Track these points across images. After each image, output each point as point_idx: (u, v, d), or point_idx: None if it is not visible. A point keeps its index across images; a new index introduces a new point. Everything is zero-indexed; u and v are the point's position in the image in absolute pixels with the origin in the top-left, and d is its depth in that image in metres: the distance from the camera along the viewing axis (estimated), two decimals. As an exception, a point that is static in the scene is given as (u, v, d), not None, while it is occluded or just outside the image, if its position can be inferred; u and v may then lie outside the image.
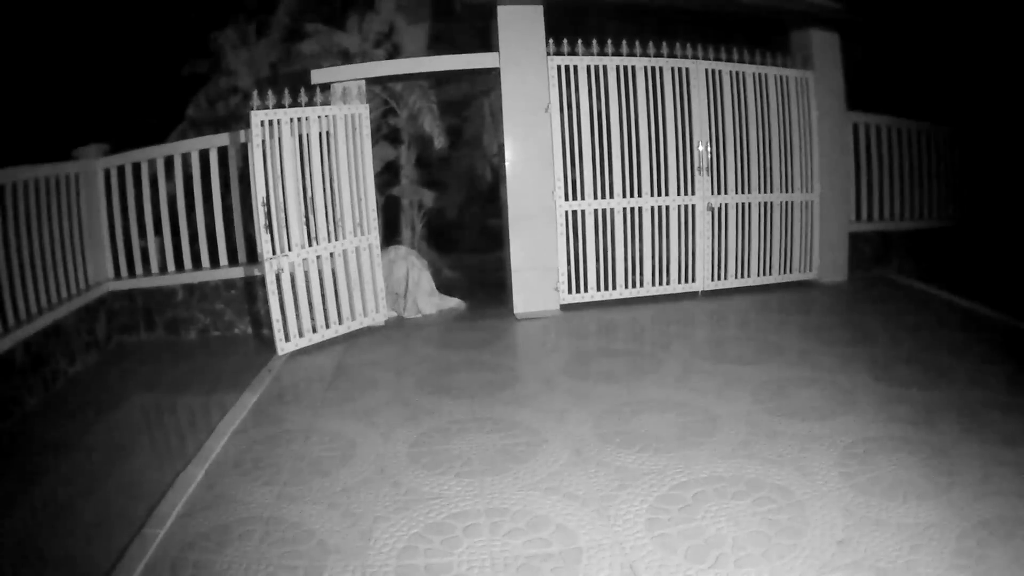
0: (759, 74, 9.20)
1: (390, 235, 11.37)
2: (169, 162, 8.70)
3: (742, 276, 9.31)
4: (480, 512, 4.30)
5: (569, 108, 8.57)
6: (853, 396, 5.73)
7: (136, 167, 8.70)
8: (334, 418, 5.95)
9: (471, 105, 11.73)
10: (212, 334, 8.96)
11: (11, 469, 5.62)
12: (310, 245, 7.94)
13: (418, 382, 6.70)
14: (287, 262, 7.70)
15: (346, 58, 10.68)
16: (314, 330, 8.02)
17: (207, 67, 10.91)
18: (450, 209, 12.05)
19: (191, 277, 8.86)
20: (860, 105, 9.74)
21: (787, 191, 9.39)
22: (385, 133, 11.49)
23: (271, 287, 7.60)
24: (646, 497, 4.38)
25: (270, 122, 7.56)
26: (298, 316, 7.85)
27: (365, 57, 10.67)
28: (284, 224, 7.68)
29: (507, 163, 8.57)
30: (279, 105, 7.64)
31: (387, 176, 11.51)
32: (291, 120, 7.73)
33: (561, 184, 8.60)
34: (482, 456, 5.04)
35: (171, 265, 8.93)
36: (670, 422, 5.42)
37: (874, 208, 10.15)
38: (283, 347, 7.74)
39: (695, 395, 5.94)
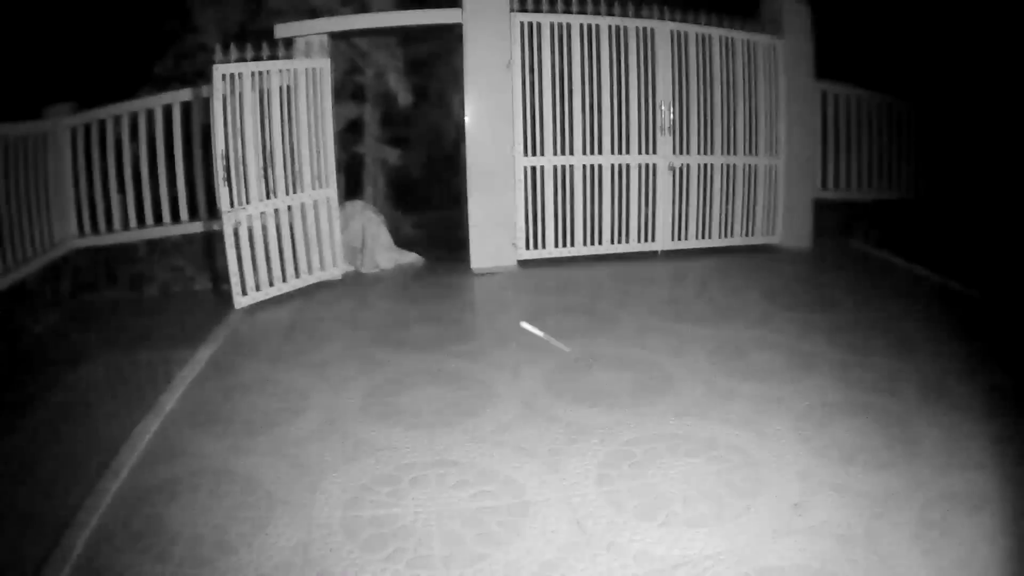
0: (726, 38, 9.18)
1: (353, 193, 11.27)
2: (134, 119, 8.59)
3: (703, 237, 9.35)
4: (428, 464, 4.35)
5: (532, 65, 8.54)
6: (813, 361, 5.74)
7: (102, 124, 8.58)
8: (289, 371, 5.97)
9: (436, 64, 11.62)
10: (173, 290, 8.91)
11: None
12: (268, 198, 7.90)
13: (373, 336, 6.72)
14: (245, 215, 7.65)
15: (313, 15, 10.44)
16: (271, 284, 7.99)
17: (176, 25, 10.73)
18: (414, 167, 11.97)
19: (152, 232, 8.79)
20: (826, 75, 9.76)
21: (751, 154, 9.42)
22: (351, 91, 11.35)
23: (229, 240, 7.55)
24: (596, 452, 4.43)
25: (232, 76, 7.46)
26: (255, 270, 7.81)
27: (332, 14, 10.50)
28: (243, 177, 7.63)
29: (468, 119, 8.54)
30: (241, 59, 7.56)
31: (352, 135, 11.40)
32: (252, 74, 7.64)
33: (521, 140, 8.59)
34: (433, 409, 5.09)
35: (133, 221, 8.85)
36: (624, 379, 5.48)
37: (840, 177, 10.19)
38: (240, 301, 7.71)
39: (651, 353, 5.99)
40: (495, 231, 8.69)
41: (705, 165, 9.22)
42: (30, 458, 4.97)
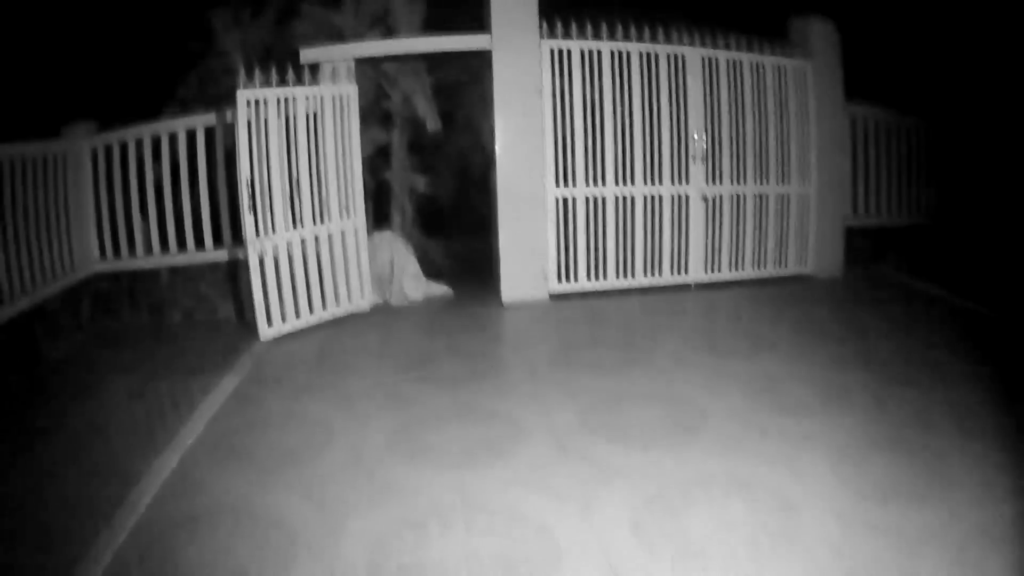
0: (756, 63, 9.02)
1: (381, 220, 11.16)
2: (157, 141, 8.51)
3: (736, 269, 9.15)
4: (456, 507, 4.15)
5: (562, 93, 8.40)
6: (846, 394, 5.54)
7: (123, 146, 8.52)
8: (314, 404, 5.81)
9: (465, 90, 11.53)
10: (196, 317, 8.80)
11: None
12: (295, 227, 7.78)
13: (401, 369, 6.55)
14: (271, 244, 7.54)
15: (340, 39, 10.42)
16: (297, 315, 7.86)
17: (201, 47, 10.72)
18: (442, 195, 11.86)
19: (176, 259, 8.70)
20: (850, 96, 9.56)
21: (783, 183, 9.22)
22: (378, 116, 11.27)
23: (254, 270, 7.45)
24: (630, 495, 4.21)
25: (256, 101, 7.38)
26: (281, 300, 7.70)
27: (359, 38, 10.45)
28: (268, 206, 7.52)
29: (497, 148, 8.39)
30: (266, 84, 7.47)
31: (379, 160, 11.30)
32: (278, 99, 7.56)
33: (552, 170, 8.44)
34: (462, 447, 4.90)
35: (156, 246, 8.76)
36: (658, 416, 5.28)
37: (871, 203, 9.97)
38: (265, 332, 7.59)
39: (686, 389, 5.78)
40: (526, 263, 8.52)
41: (738, 195, 9.03)
42: (44, 489, 4.82)
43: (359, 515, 4.11)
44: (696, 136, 8.73)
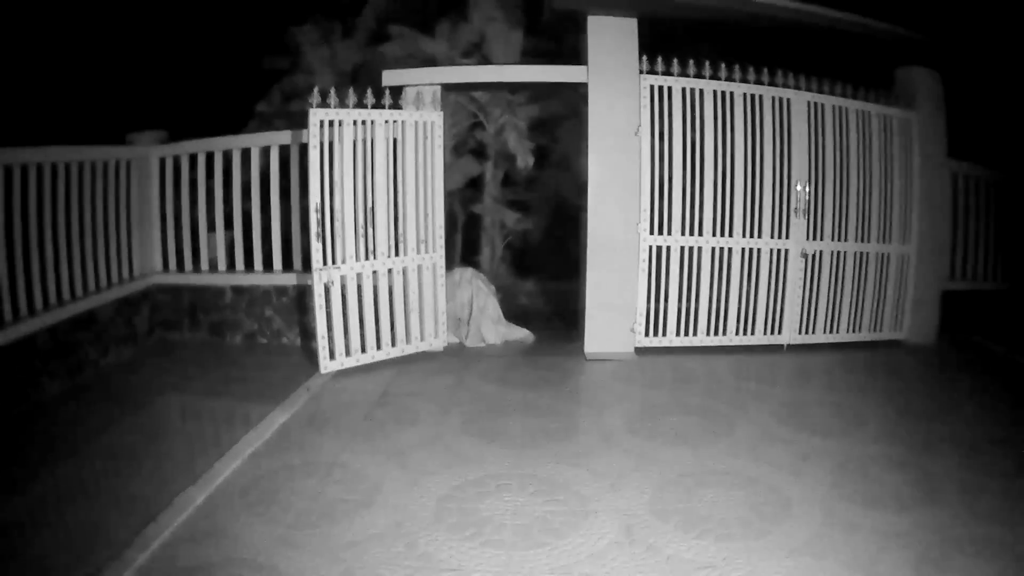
0: (863, 111, 8.32)
1: (470, 254, 10.80)
2: (228, 157, 8.28)
3: (831, 331, 8.41)
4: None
5: (660, 133, 7.83)
6: (940, 485, 4.93)
7: (193, 158, 8.31)
8: (363, 454, 5.35)
9: (563, 125, 11.11)
10: (259, 341, 8.47)
11: (5, 462, 5.27)
12: (367, 258, 7.38)
13: (464, 422, 6.03)
14: (338, 274, 7.15)
15: (432, 64, 10.16)
16: (363, 350, 7.44)
17: (288, 64, 10.56)
18: (534, 232, 11.42)
19: (242, 279, 8.41)
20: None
21: (884, 241, 8.49)
22: (471, 147, 10.94)
23: (319, 300, 7.07)
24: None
25: (331, 122, 7.04)
26: (347, 333, 7.29)
27: (452, 64, 10.14)
28: (340, 234, 7.16)
29: (590, 188, 7.85)
30: (342, 105, 7.11)
31: (470, 192, 10.96)
32: (354, 122, 7.20)
33: (647, 216, 7.85)
34: (517, 523, 4.34)
35: (222, 264, 8.49)
36: (737, 501, 4.66)
37: (968, 266, 9.18)
38: (327, 365, 7.19)
39: (769, 470, 5.13)
40: (613, 313, 7.93)
41: (838, 252, 8.33)
42: (59, 513, 4.57)
43: (388, 598, 3.61)
44: (799, 187, 8.07)
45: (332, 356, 7.23)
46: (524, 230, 11.28)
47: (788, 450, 5.48)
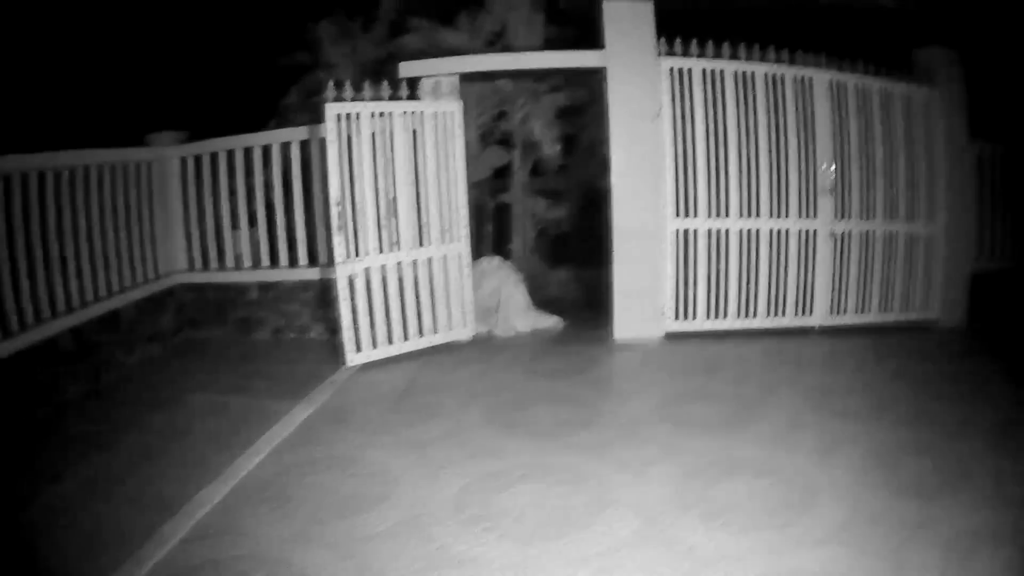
0: (885, 90, 8.12)
1: (501, 243, 10.73)
2: (249, 154, 8.29)
3: (862, 312, 8.23)
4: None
5: (682, 116, 7.71)
6: (967, 470, 4.75)
7: (213, 157, 8.34)
8: (386, 447, 5.31)
9: (589, 111, 11.00)
10: (285, 336, 8.48)
11: (29, 462, 5.31)
12: (390, 250, 7.35)
13: (489, 413, 5.97)
14: (361, 267, 7.13)
15: (454, 55, 10.08)
16: (390, 341, 7.43)
17: (308, 59, 10.54)
18: (565, 220, 11.32)
19: (267, 275, 8.42)
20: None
21: (912, 220, 8.29)
22: (498, 137, 10.86)
23: (342, 293, 7.06)
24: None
25: (348, 115, 7.00)
26: (372, 325, 7.28)
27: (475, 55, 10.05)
28: (363, 226, 7.14)
29: (613, 173, 7.76)
30: (358, 98, 7.07)
31: (500, 182, 10.88)
32: (372, 115, 7.16)
33: (672, 200, 7.74)
34: (537, 516, 4.27)
35: (247, 261, 8.50)
36: (763, 491, 4.54)
37: (996, 246, 8.92)
38: (352, 358, 7.18)
39: (796, 457, 4.99)
40: (641, 298, 7.85)
41: (866, 232, 8.15)
42: (77, 511, 4.53)
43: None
44: (825, 166, 7.91)
45: (358, 348, 7.21)
46: (556, 218, 11.18)
47: (816, 437, 5.34)
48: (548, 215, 11.09)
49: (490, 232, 10.57)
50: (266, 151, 8.27)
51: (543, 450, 5.20)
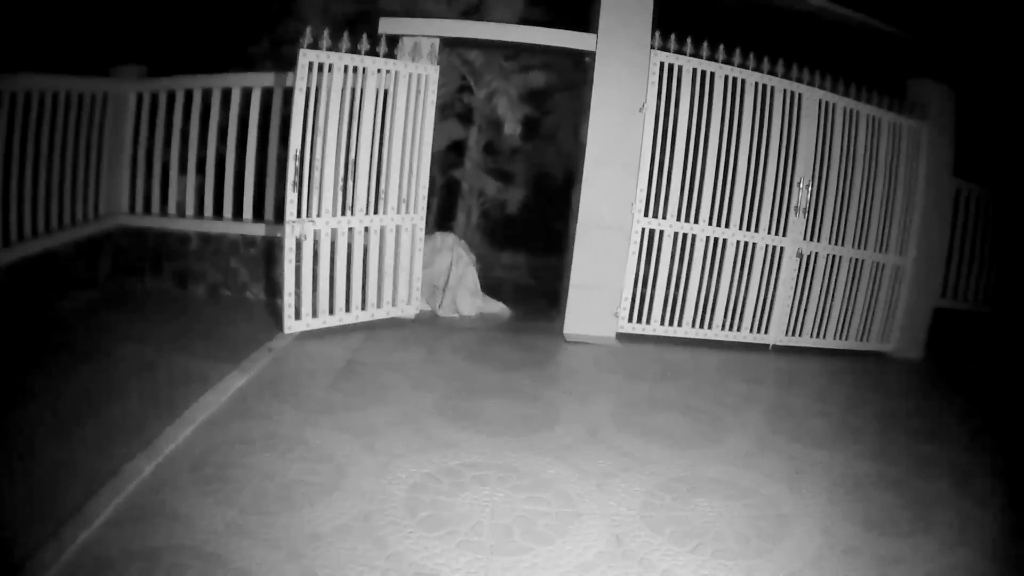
0: (873, 117, 7.99)
1: (444, 219, 10.37)
2: (208, 97, 7.76)
3: (818, 336, 8.12)
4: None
5: (665, 113, 7.43)
6: (935, 508, 4.69)
7: (171, 96, 7.79)
8: (327, 429, 4.91)
9: (553, 98, 10.67)
10: (222, 293, 7.98)
11: None
12: (343, 214, 6.91)
13: (437, 402, 5.61)
14: (312, 228, 6.68)
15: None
16: (331, 311, 7.00)
17: (279, 9, 10.01)
18: (513, 203, 11.01)
19: (209, 226, 7.90)
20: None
21: (881, 251, 8.21)
22: (458, 111, 10.49)
23: (288, 254, 6.58)
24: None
25: (319, 65, 6.52)
26: (315, 292, 6.83)
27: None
28: (318, 185, 6.67)
29: (587, 161, 7.45)
30: (334, 49, 6.61)
31: (452, 156, 10.52)
32: (345, 68, 6.70)
33: (643, 197, 7.47)
34: (496, 523, 3.95)
35: (190, 209, 7.96)
36: (733, 513, 4.32)
37: (960, 285, 8.90)
38: (291, 325, 6.73)
39: (765, 481, 4.80)
40: (597, 295, 7.57)
41: (834, 256, 8.02)
42: None
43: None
44: (802, 185, 7.72)
45: (298, 316, 6.77)
46: (503, 200, 10.89)
47: (783, 461, 5.15)
48: (498, 196, 10.80)
49: (434, 206, 10.22)
50: (226, 96, 7.74)
51: (500, 448, 4.88)
